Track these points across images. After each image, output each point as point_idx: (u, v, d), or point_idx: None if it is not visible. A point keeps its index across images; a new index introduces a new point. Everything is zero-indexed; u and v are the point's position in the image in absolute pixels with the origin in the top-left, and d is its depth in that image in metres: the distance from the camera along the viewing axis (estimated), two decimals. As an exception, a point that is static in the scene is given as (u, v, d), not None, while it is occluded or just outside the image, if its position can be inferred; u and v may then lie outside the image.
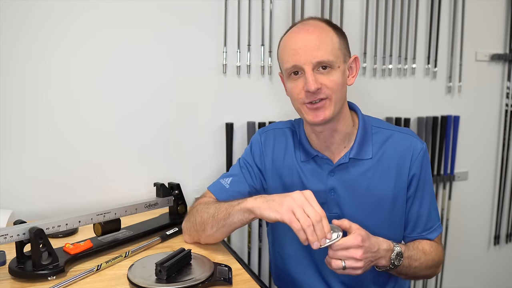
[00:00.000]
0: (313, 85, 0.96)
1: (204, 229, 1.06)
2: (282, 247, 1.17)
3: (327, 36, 1.00)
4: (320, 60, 0.97)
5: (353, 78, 1.06)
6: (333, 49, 0.99)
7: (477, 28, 1.85)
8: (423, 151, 1.08)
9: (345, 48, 1.04)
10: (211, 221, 1.04)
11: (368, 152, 1.07)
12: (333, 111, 1.00)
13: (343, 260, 0.90)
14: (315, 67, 0.98)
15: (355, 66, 1.06)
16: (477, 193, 1.99)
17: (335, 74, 0.99)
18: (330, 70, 0.98)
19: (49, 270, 0.92)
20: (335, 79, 0.99)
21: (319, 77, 0.98)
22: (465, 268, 2.04)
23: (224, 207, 1.03)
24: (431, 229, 1.11)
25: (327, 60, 0.97)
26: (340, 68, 1.00)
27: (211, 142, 1.55)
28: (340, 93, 1.01)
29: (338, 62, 1.00)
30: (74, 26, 1.34)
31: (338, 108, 1.02)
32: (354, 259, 0.89)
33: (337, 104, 1.01)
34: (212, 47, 1.50)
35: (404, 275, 1.07)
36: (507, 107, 1.97)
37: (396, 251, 0.97)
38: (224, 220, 1.02)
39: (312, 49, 0.97)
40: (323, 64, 0.98)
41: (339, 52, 1.00)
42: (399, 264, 0.98)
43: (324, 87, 0.98)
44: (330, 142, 1.08)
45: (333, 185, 1.08)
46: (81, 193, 1.41)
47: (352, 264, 0.90)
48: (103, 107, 1.41)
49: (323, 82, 0.98)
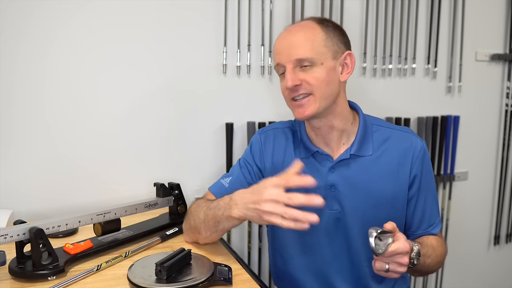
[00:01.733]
0: (290, 81, 1.00)
1: (199, 232, 1.07)
2: (282, 246, 1.17)
3: (309, 34, 1.01)
4: (298, 57, 1.00)
5: (347, 75, 1.06)
6: (314, 46, 1.00)
7: (477, 28, 1.85)
8: (423, 149, 1.09)
9: (336, 45, 1.03)
10: (203, 226, 1.05)
11: (369, 149, 1.08)
12: (318, 107, 1.02)
13: (387, 263, 0.89)
14: (296, 65, 1.01)
15: (350, 62, 1.06)
16: (477, 193, 1.99)
17: (317, 70, 1.00)
18: (312, 67, 1.00)
19: (49, 270, 0.92)
20: (316, 76, 1.00)
21: (299, 74, 1.01)
22: (465, 268, 2.04)
23: (212, 214, 1.02)
24: (434, 224, 1.12)
25: (305, 57, 0.99)
26: (324, 65, 1.01)
27: (211, 142, 1.55)
28: (325, 89, 1.01)
29: (322, 59, 1.01)
30: (74, 26, 1.34)
31: (324, 104, 1.02)
32: (399, 264, 0.89)
33: (323, 100, 1.02)
34: (212, 47, 1.50)
35: (418, 272, 1.07)
36: (507, 107, 1.97)
37: (415, 251, 0.97)
38: (215, 226, 1.03)
39: (291, 48, 1.01)
40: (303, 62, 1.00)
41: (324, 49, 1.01)
42: (417, 263, 0.98)
43: (304, 83, 1.00)
44: (328, 139, 1.09)
45: (333, 181, 1.08)
46: (81, 193, 1.41)
47: (396, 268, 0.89)
48: (103, 107, 1.41)
49: (304, 78, 1.00)
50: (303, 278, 1.15)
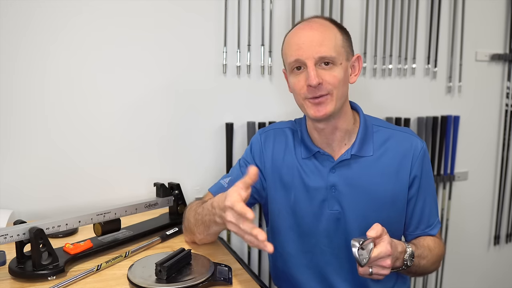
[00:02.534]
0: (315, 79, 0.97)
1: (194, 234, 1.09)
2: (283, 247, 1.17)
3: (330, 33, 1.01)
4: (323, 55, 0.98)
5: (355, 77, 1.07)
6: (336, 46, 1.00)
7: (477, 28, 1.85)
8: (423, 150, 1.09)
9: (348, 47, 1.05)
10: (196, 230, 1.07)
11: (369, 150, 1.08)
12: (335, 107, 1.01)
13: (370, 267, 0.89)
14: (317, 63, 0.99)
15: (357, 64, 1.08)
16: (477, 193, 1.99)
17: (337, 70, 1.00)
18: (332, 66, 1.00)
19: (49, 270, 0.92)
20: (336, 75, 1.00)
21: (321, 72, 0.99)
22: (465, 268, 2.04)
23: (200, 219, 1.03)
24: (432, 225, 1.13)
25: (330, 56, 0.98)
26: (342, 65, 1.01)
27: (211, 142, 1.55)
28: (341, 90, 1.02)
29: (341, 59, 1.01)
30: (74, 27, 1.34)
31: (339, 104, 1.02)
32: (382, 266, 0.89)
33: (339, 100, 1.02)
34: (212, 47, 1.50)
35: (413, 273, 1.08)
36: (507, 107, 1.97)
37: (409, 252, 0.98)
38: (206, 230, 1.05)
39: (315, 45, 0.98)
40: (325, 60, 0.99)
41: (341, 50, 1.02)
42: (411, 264, 0.98)
43: (325, 82, 0.99)
44: (331, 139, 1.09)
45: (334, 181, 1.08)
46: (81, 193, 1.41)
47: (378, 271, 0.89)
48: (103, 107, 1.41)
49: (325, 77, 0.99)
50: (303, 278, 1.15)
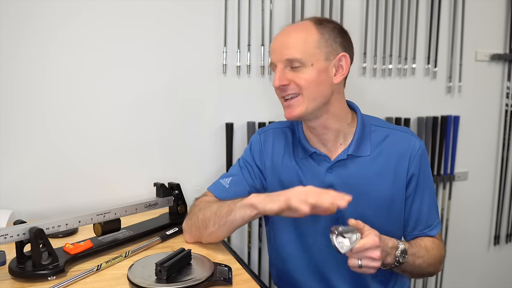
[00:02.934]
0: (277, 81, 1.02)
1: (206, 226, 1.07)
2: (282, 246, 1.17)
3: (302, 35, 1.02)
4: (288, 57, 1.01)
5: (341, 76, 1.05)
6: (305, 48, 1.00)
7: (477, 28, 1.85)
8: (421, 149, 1.09)
9: (330, 46, 1.03)
10: (213, 218, 1.05)
11: (366, 150, 1.08)
12: (306, 108, 1.02)
13: (359, 259, 0.90)
14: (287, 65, 1.02)
15: (344, 64, 1.05)
16: (477, 193, 1.99)
17: (307, 71, 1.01)
18: (301, 68, 1.01)
19: (49, 270, 0.92)
20: (305, 77, 1.01)
21: (288, 74, 1.02)
22: (465, 268, 2.04)
23: (227, 204, 1.04)
24: (431, 226, 1.12)
25: (295, 58, 1.00)
26: (314, 66, 1.01)
27: (211, 142, 1.55)
28: (314, 90, 1.02)
29: (313, 60, 1.01)
30: (74, 26, 1.34)
31: (313, 105, 1.03)
32: (371, 258, 0.89)
33: (311, 101, 1.02)
34: (212, 47, 1.50)
35: (409, 273, 1.07)
36: (507, 107, 1.97)
37: (400, 249, 0.98)
38: (226, 217, 1.02)
39: (283, 48, 1.02)
40: (293, 62, 1.01)
41: (316, 51, 1.01)
42: (403, 261, 0.98)
43: (292, 83, 1.01)
44: (324, 139, 1.09)
45: (331, 182, 1.08)
46: (81, 193, 1.41)
47: (368, 263, 0.90)
48: (103, 107, 1.41)
49: (292, 78, 1.01)
50: (302, 278, 1.15)
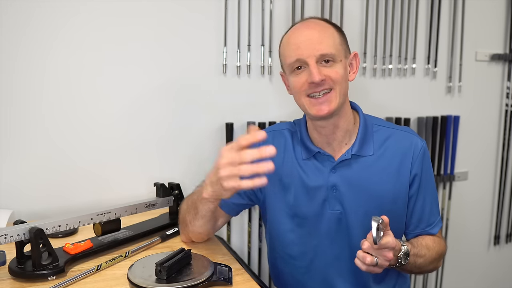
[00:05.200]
0: (317, 76, 0.98)
1: (186, 225, 1.10)
2: (283, 248, 1.17)
3: (328, 31, 1.03)
4: (323, 52, 0.99)
5: (353, 74, 1.09)
6: (334, 43, 1.02)
7: (477, 28, 1.85)
8: (423, 149, 1.10)
9: (345, 44, 1.07)
10: (188, 217, 1.08)
11: (369, 149, 1.09)
12: (338, 103, 1.02)
13: (376, 257, 0.90)
14: (318, 60, 1.00)
15: (355, 62, 1.09)
16: (477, 193, 1.99)
17: (338, 66, 1.02)
18: (333, 63, 1.01)
19: (49, 270, 0.92)
20: (338, 71, 1.01)
21: (322, 69, 1.00)
22: (465, 268, 2.04)
23: (192, 202, 1.07)
24: (433, 224, 1.13)
25: (330, 53, 1.00)
26: (342, 62, 1.03)
27: (211, 142, 1.54)
28: (343, 86, 1.03)
29: (340, 56, 1.03)
30: (74, 25, 1.34)
31: (342, 101, 1.04)
32: (386, 258, 0.90)
33: (341, 96, 1.03)
34: (212, 47, 1.50)
35: (408, 271, 1.09)
36: (507, 107, 1.97)
37: (403, 251, 0.98)
38: (196, 214, 1.05)
39: (315, 43, 1.00)
40: (326, 57, 1.00)
41: (340, 47, 1.03)
42: (405, 263, 0.99)
43: (328, 78, 1.00)
44: (331, 139, 1.09)
45: (335, 182, 1.08)
46: (81, 193, 1.40)
47: (382, 263, 0.90)
48: (103, 107, 1.41)
49: (327, 73, 1.00)
50: (303, 279, 1.15)
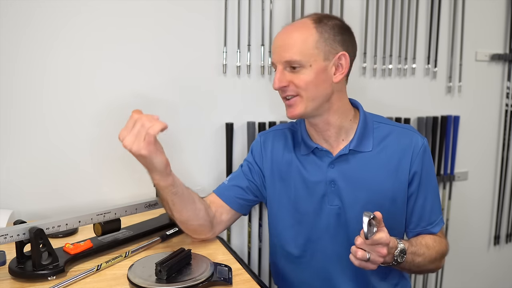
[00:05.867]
0: (276, 83, 1.03)
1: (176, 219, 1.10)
2: (283, 245, 1.17)
3: (300, 36, 1.01)
4: (287, 59, 1.01)
5: (341, 75, 1.04)
6: (303, 49, 1.00)
7: (477, 28, 1.85)
8: (424, 146, 1.09)
9: (329, 45, 1.02)
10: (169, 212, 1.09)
11: (368, 145, 1.09)
12: (305, 108, 1.03)
13: (368, 252, 0.89)
14: (286, 66, 1.02)
15: (344, 62, 1.04)
16: (477, 193, 1.99)
17: (306, 72, 1.01)
18: (300, 69, 1.01)
19: (49, 270, 0.92)
20: (304, 78, 1.01)
21: (288, 75, 1.02)
22: (465, 268, 2.04)
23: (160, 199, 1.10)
24: (434, 223, 1.12)
25: (293, 60, 1.00)
26: (313, 67, 1.01)
27: (211, 142, 1.55)
28: (313, 91, 1.02)
29: (311, 61, 1.01)
30: (74, 26, 1.34)
31: (313, 105, 1.03)
32: (379, 254, 0.89)
33: (311, 101, 1.03)
34: (212, 47, 1.50)
35: (408, 270, 1.08)
36: (507, 107, 1.97)
37: (399, 248, 0.98)
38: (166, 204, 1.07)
39: (282, 50, 1.02)
40: (291, 64, 1.01)
41: (314, 51, 1.01)
42: (402, 260, 0.99)
43: (291, 84, 1.02)
44: (327, 135, 1.10)
45: (333, 177, 1.09)
46: (81, 193, 1.40)
47: (375, 258, 0.90)
48: (103, 107, 1.41)
49: (291, 80, 1.02)
50: (303, 276, 1.16)
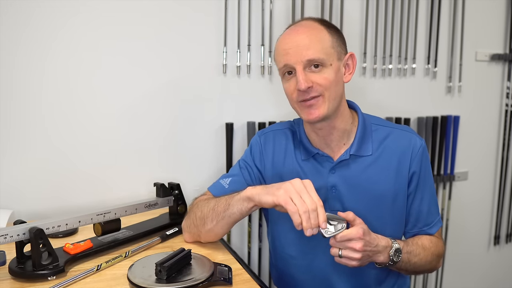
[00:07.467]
0: (303, 83, 0.98)
1: (204, 223, 1.07)
2: (283, 248, 1.17)
3: (317, 35, 1.01)
4: (310, 58, 0.99)
5: (350, 75, 1.07)
6: (323, 47, 1.00)
7: (477, 28, 1.85)
8: (422, 147, 1.09)
9: (340, 46, 1.04)
10: (211, 214, 1.05)
11: (368, 149, 1.08)
12: (327, 109, 1.01)
13: (340, 249, 0.93)
14: (306, 66, 1.00)
15: (351, 63, 1.07)
16: (477, 193, 1.99)
17: (327, 71, 1.00)
18: (322, 68, 1.00)
19: (49, 270, 0.92)
20: (327, 77, 1.00)
21: (310, 76, 1.00)
22: (465, 268, 2.04)
23: (224, 199, 1.05)
24: (431, 224, 1.12)
25: (317, 58, 0.99)
26: (332, 66, 1.01)
27: (211, 142, 1.55)
28: (333, 90, 1.02)
29: (330, 60, 1.01)
30: (74, 25, 1.34)
31: (333, 106, 1.03)
32: (352, 249, 0.92)
33: (332, 101, 1.02)
34: (212, 47, 1.50)
35: (404, 271, 1.08)
36: (507, 107, 1.97)
37: (394, 248, 0.99)
38: (224, 211, 1.03)
39: (302, 49, 0.99)
40: (314, 63, 1.00)
41: (331, 50, 1.01)
42: (398, 260, 0.99)
43: (316, 85, 1.00)
44: (329, 139, 1.09)
45: (334, 182, 1.08)
46: (81, 193, 1.41)
47: (348, 254, 0.92)
48: (103, 107, 1.41)
49: (315, 80, 1.00)
50: (303, 278, 1.15)
